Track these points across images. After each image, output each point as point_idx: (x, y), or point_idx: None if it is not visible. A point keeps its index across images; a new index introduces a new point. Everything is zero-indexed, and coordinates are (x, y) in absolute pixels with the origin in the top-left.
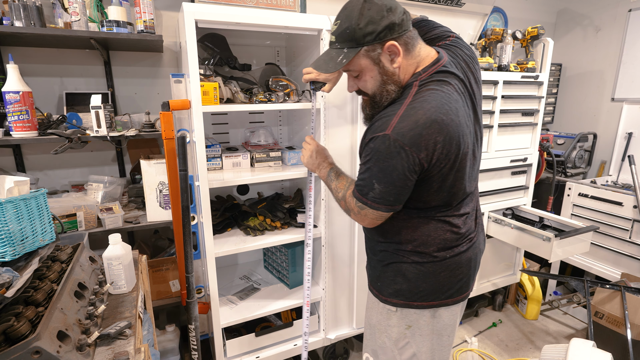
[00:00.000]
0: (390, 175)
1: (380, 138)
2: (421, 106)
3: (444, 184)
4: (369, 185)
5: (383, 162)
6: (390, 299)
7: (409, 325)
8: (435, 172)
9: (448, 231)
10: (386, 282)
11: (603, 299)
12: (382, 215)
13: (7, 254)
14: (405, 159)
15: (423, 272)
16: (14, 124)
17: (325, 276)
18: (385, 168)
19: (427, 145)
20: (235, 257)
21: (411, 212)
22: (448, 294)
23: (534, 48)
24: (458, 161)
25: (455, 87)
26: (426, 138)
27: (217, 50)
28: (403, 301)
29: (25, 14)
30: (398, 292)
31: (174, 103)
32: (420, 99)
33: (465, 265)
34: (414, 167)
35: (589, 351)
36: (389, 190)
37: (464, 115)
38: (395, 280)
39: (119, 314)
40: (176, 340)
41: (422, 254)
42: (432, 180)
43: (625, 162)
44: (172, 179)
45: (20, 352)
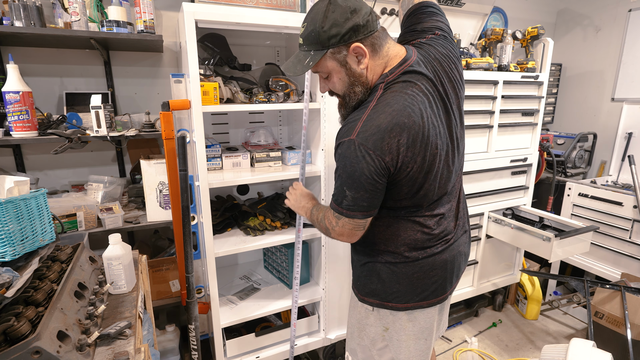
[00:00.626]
0: (358, 180)
1: (346, 143)
2: (383, 110)
3: (413, 186)
4: (341, 192)
5: (350, 167)
6: (367, 298)
7: (386, 328)
8: (403, 175)
9: (419, 231)
10: (363, 281)
11: (603, 299)
12: (358, 223)
13: (7, 254)
14: (372, 163)
15: (396, 272)
16: (14, 124)
17: (325, 276)
18: (353, 173)
19: (390, 149)
20: (235, 257)
21: (381, 212)
22: (422, 296)
23: (534, 48)
24: (427, 163)
25: (422, 88)
26: (389, 142)
27: (217, 50)
28: (378, 301)
29: (25, 14)
30: (374, 292)
31: (174, 103)
32: (383, 103)
33: (440, 267)
34: (381, 170)
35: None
36: (360, 196)
37: (432, 116)
38: (371, 279)
39: (119, 314)
40: (176, 340)
41: (394, 254)
42: (401, 183)
43: (625, 162)
44: (172, 179)
45: (20, 352)
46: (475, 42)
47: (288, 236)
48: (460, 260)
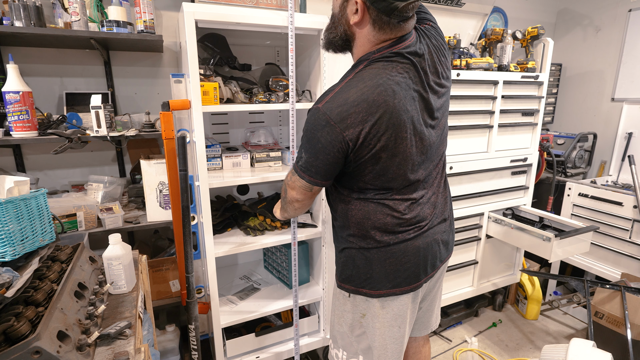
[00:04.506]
0: (314, 146)
1: (313, 110)
2: (356, 85)
3: (376, 165)
4: (300, 153)
5: (311, 132)
6: (344, 284)
7: (363, 314)
8: (364, 152)
9: (388, 215)
10: (340, 268)
11: (603, 299)
12: (305, 185)
13: (7, 254)
14: (330, 133)
15: (369, 258)
16: (14, 124)
17: (325, 276)
18: (311, 139)
19: (353, 123)
20: (235, 257)
21: (352, 194)
22: (394, 282)
23: (534, 48)
24: (392, 145)
25: (404, 72)
26: (353, 116)
27: (217, 50)
28: (354, 287)
29: (25, 14)
30: (349, 278)
31: (174, 103)
32: (358, 78)
33: (413, 254)
34: (338, 143)
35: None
36: (311, 162)
37: (406, 99)
38: (346, 265)
39: (119, 314)
40: (176, 340)
41: (367, 239)
42: (364, 161)
43: (625, 162)
44: (172, 179)
45: (20, 352)
46: (475, 42)
47: (288, 236)
48: (437, 249)
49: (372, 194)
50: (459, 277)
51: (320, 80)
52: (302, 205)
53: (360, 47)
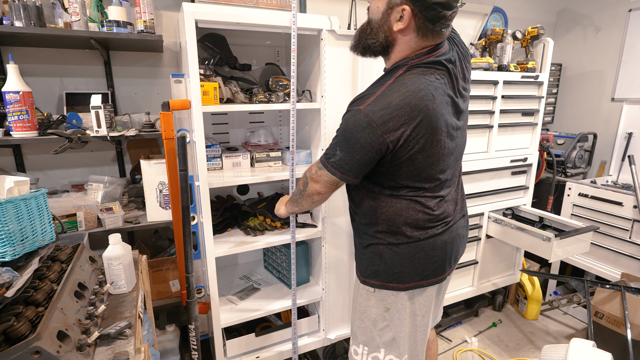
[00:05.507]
0: (353, 146)
1: (353, 111)
2: (398, 89)
3: (412, 166)
4: (333, 150)
5: (349, 133)
6: (369, 280)
7: (387, 308)
8: (402, 154)
9: (420, 211)
10: (365, 264)
11: (603, 299)
12: (334, 180)
13: (7, 254)
14: (371, 135)
15: (398, 253)
16: (14, 124)
17: (325, 276)
18: (350, 138)
19: (395, 126)
20: (235, 257)
21: (384, 191)
22: (423, 275)
23: (534, 48)
24: (428, 147)
25: (440, 77)
26: (396, 119)
27: (217, 50)
28: (380, 282)
29: (25, 14)
30: (375, 273)
31: (174, 103)
32: (400, 82)
33: (440, 247)
34: (378, 145)
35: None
36: (347, 160)
37: (443, 104)
38: (372, 261)
39: (119, 314)
40: (176, 340)
41: (397, 235)
42: (400, 162)
43: (625, 162)
44: (172, 179)
45: (20, 352)
46: (475, 42)
47: (288, 236)
48: (459, 243)
49: (405, 191)
50: (459, 277)
51: (320, 80)
52: (321, 198)
53: (399, 53)
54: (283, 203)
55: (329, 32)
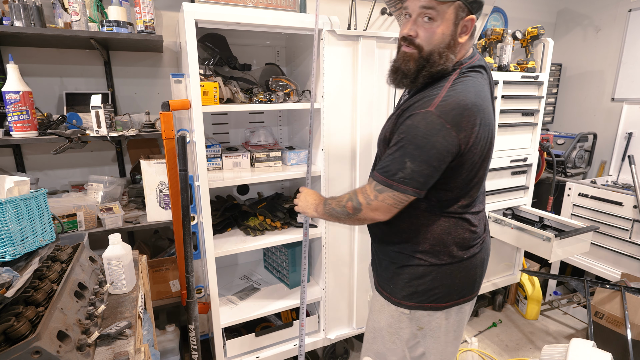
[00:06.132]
0: (427, 153)
1: (421, 114)
2: (462, 89)
3: (471, 172)
4: (399, 164)
5: (422, 138)
6: (404, 301)
7: (420, 327)
8: (468, 157)
9: (467, 230)
10: (400, 285)
11: (603, 299)
12: (402, 200)
13: (7, 254)
14: (446, 137)
15: (440, 273)
16: (14, 124)
17: (325, 276)
18: (423, 145)
19: (466, 126)
20: (235, 257)
21: (433, 209)
22: (461, 294)
23: (534, 48)
24: (486, 150)
25: (485, 80)
26: (467, 119)
27: (217, 50)
28: (417, 303)
29: (25, 14)
30: (412, 295)
31: (174, 103)
32: (460, 83)
33: (480, 265)
34: (453, 148)
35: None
36: (421, 170)
37: (490, 106)
38: (410, 283)
39: (119, 314)
40: (176, 340)
41: (441, 255)
42: (464, 166)
43: (625, 162)
44: (172, 179)
45: (20, 352)
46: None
47: (288, 236)
48: (488, 259)
49: (455, 207)
50: None
51: (320, 80)
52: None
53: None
54: (311, 204)
55: (329, 32)
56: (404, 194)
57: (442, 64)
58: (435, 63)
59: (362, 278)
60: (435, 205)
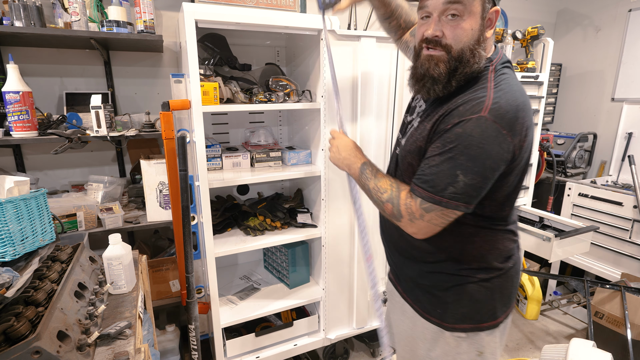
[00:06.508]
0: (482, 163)
1: (474, 121)
2: (508, 88)
3: (517, 178)
4: (448, 177)
5: (477, 148)
6: (458, 325)
7: (480, 352)
8: (518, 163)
9: (511, 240)
10: (451, 308)
11: (603, 299)
12: (450, 217)
13: (7, 254)
14: (502, 144)
15: (491, 288)
16: (14, 124)
17: (325, 276)
18: (478, 156)
19: (520, 130)
20: (235, 257)
21: (478, 221)
22: (509, 304)
23: (534, 48)
24: (530, 151)
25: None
26: (520, 121)
27: (217, 50)
28: (473, 324)
29: (25, 14)
30: (465, 316)
31: (174, 103)
32: (503, 82)
33: (519, 273)
34: (507, 155)
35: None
36: (474, 183)
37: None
38: (460, 303)
39: (119, 314)
40: (176, 340)
41: (489, 269)
42: (512, 174)
43: (625, 162)
44: (172, 179)
45: (20, 352)
46: None
47: (288, 236)
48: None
49: (499, 217)
50: None
51: (320, 80)
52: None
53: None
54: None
55: (329, 32)
56: (455, 210)
57: (477, 62)
58: (468, 62)
59: (362, 278)
60: (479, 218)
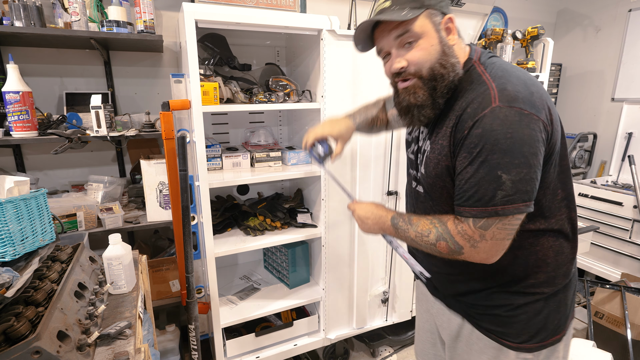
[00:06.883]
0: (520, 153)
1: (488, 115)
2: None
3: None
4: (491, 183)
5: (505, 140)
6: (525, 344)
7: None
8: (556, 139)
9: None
10: (516, 328)
11: (603, 299)
12: (515, 225)
13: (7, 254)
14: (530, 124)
15: (559, 300)
16: (14, 124)
17: (325, 276)
18: (511, 147)
19: (541, 104)
20: (235, 257)
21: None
22: (572, 314)
23: (534, 48)
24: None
25: None
26: (537, 96)
27: (217, 50)
28: (539, 343)
29: (25, 14)
30: (538, 333)
31: (174, 103)
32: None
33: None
34: (540, 134)
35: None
36: (523, 177)
37: None
38: (531, 322)
39: (119, 314)
40: (176, 340)
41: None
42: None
43: (625, 162)
44: (172, 179)
45: (20, 352)
46: (475, 42)
47: (288, 236)
48: None
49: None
50: None
51: (320, 80)
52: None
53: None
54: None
55: (329, 32)
56: (517, 215)
57: (452, 71)
58: (443, 76)
59: (362, 278)
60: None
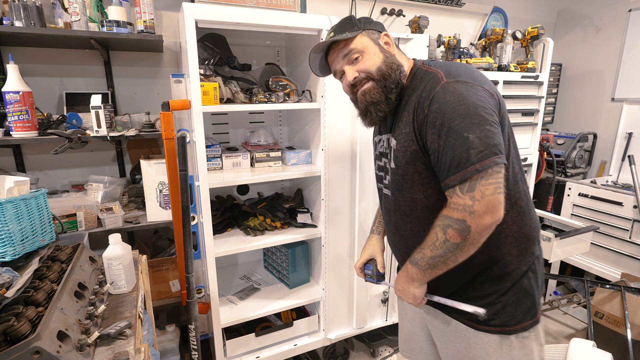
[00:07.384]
0: (475, 113)
1: (440, 91)
2: (449, 63)
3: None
4: (461, 146)
5: (462, 106)
6: (520, 324)
7: (541, 344)
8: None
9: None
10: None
11: (603, 299)
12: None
13: (7, 254)
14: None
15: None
16: (14, 124)
17: (325, 276)
18: (467, 111)
19: (484, 80)
20: (235, 257)
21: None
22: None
23: (534, 48)
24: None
25: None
26: (478, 76)
27: (217, 50)
28: (532, 319)
29: (25, 14)
30: (525, 314)
31: (174, 103)
32: (439, 63)
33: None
34: (490, 99)
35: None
36: (487, 133)
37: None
38: (521, 302)
39: (119, 314)
40: (176, 340)
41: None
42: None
43: (625, 162)
44: (172, 179)
45: (20, 352)
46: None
47: (288, 236)
48: None
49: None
50: None
51: (320, 80)
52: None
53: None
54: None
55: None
56: (495, 168)
57: (398, 69)
58: (390, 75)
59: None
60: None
